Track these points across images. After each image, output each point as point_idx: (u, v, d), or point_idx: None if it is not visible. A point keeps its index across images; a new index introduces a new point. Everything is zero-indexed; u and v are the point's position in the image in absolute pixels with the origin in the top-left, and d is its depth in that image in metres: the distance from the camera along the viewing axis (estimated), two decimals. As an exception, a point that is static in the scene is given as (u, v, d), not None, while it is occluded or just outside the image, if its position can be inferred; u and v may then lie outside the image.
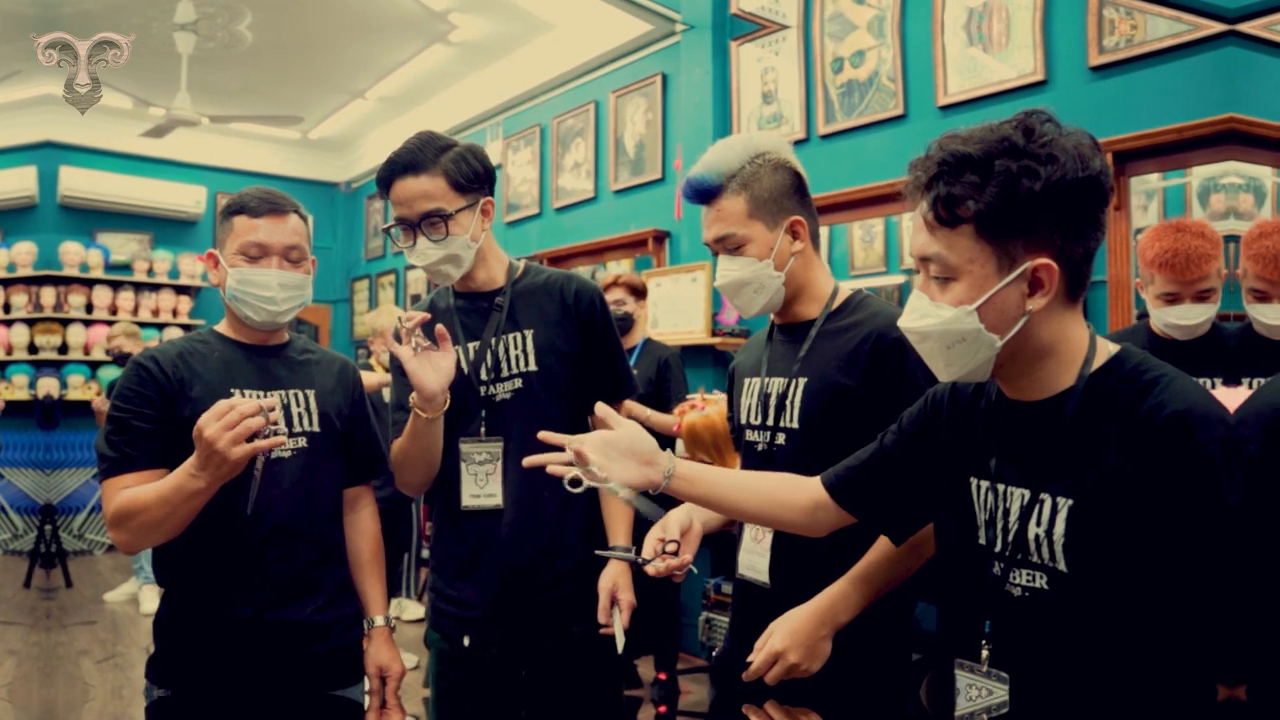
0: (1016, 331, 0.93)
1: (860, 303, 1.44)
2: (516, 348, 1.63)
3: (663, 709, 3.35)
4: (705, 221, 1.44)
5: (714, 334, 3.92)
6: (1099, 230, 0.94)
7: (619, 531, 1.63)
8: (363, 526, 1.63)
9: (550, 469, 1.11)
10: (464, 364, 1.61)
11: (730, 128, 4.09)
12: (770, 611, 1.31)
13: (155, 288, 6.87)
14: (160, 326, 6.89)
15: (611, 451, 1.12)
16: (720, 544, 3.11)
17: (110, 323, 6.41)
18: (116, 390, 1.44)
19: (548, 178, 5.35)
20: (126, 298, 6.69)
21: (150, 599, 4.77)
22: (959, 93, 3.24)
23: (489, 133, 5.88)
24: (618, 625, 1.52)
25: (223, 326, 1.56)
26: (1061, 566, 0.93)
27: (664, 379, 3.28)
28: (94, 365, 6.48)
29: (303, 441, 1.49)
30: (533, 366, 1.62)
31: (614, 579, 1.56)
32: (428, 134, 1.56)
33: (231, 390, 1.44)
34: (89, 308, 6.56)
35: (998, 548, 0.99)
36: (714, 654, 1.56)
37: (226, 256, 1.48)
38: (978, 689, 1.01)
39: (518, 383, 1.62)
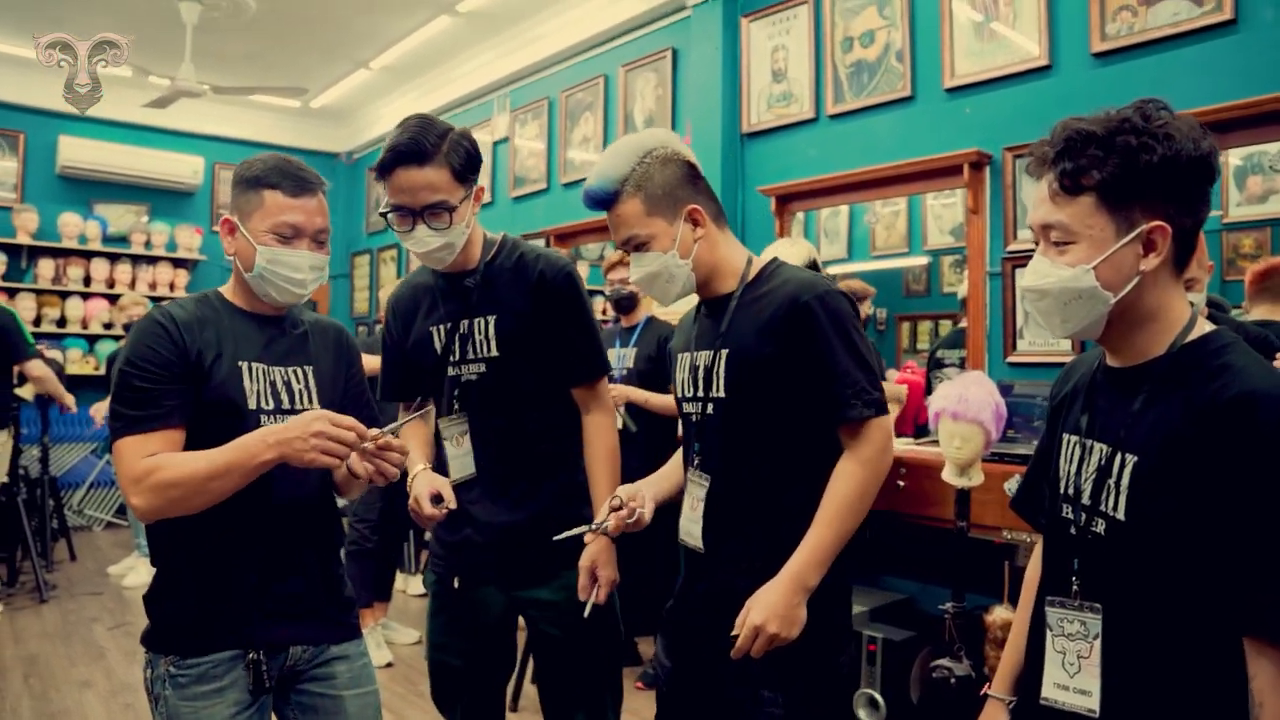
0: (1128, 291, 1.09)
1: (774, 272, 1.60)
2: (481, 332, 1.83)
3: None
4: (611, 226, 1.61)
5: (720, 314, 4.20)
6: (1206, 205, 1.11)
7: (599, 509, 1.76)
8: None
9: None
10: (437, 345, 1.87)
11: (739, 105, 4.39)
12: (705, 572, 1.55)
13: (152, 260, 7.29)
14: (157, 300, 7.28)
15: None
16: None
17: (108, 296, 6.85)
18: (131, 347, 1.48)
19: (555, 152, 5.68)
20: (124, 270, 7.12)
21: (139, 574, 5.15)
22: (965, 75, 3.53)
23: (496, 104, 6.20)
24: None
25: (229, 293, 1.61)
26: (1120, 516, 1.10)
27: (663, 356, 3.48)
28: (92, 339, 6.90)
29: None
30: (494, 352, 1.82)
31: (593, 556, 1.73)
32: (425, 119, 1.71)
33: (240, 363, 1.52)
34: (87, 280, 6.99)
35: (1074, 494, 1.19)
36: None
37: (253, 231, 1.53)
38: (1070, 620, 1.17)
39: (481, 366, 1.84)
